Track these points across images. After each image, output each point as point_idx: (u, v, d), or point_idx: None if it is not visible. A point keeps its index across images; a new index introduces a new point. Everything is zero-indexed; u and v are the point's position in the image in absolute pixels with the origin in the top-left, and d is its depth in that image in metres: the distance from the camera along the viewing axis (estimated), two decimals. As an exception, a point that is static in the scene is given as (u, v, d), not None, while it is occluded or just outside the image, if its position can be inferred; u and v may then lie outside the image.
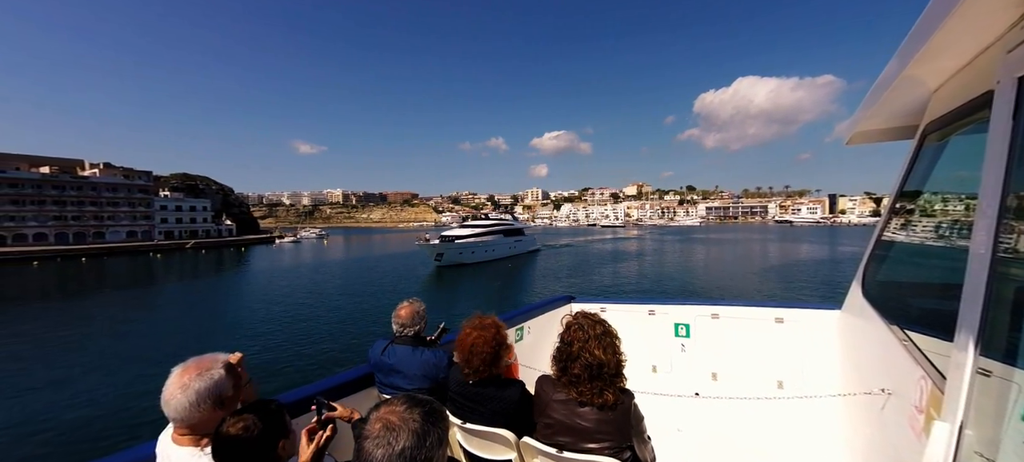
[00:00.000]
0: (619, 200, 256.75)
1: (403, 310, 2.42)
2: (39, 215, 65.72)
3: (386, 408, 0.96)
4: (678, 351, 3.86)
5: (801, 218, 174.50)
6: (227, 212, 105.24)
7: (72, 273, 43.14)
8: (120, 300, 27.76)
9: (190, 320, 21.76)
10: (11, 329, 19.76)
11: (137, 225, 77.04)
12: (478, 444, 1.97)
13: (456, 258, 41.50)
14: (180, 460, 1.35)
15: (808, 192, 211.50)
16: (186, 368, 1.40)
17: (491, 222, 51.22)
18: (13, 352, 15.99)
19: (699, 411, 3.42)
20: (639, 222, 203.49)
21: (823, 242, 65.27)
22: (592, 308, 2.42)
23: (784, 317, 3.45)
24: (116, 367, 13.93)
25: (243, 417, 1.27)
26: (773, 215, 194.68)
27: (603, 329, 1.74)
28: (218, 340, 17.00)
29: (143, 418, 10.06)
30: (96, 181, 72.82)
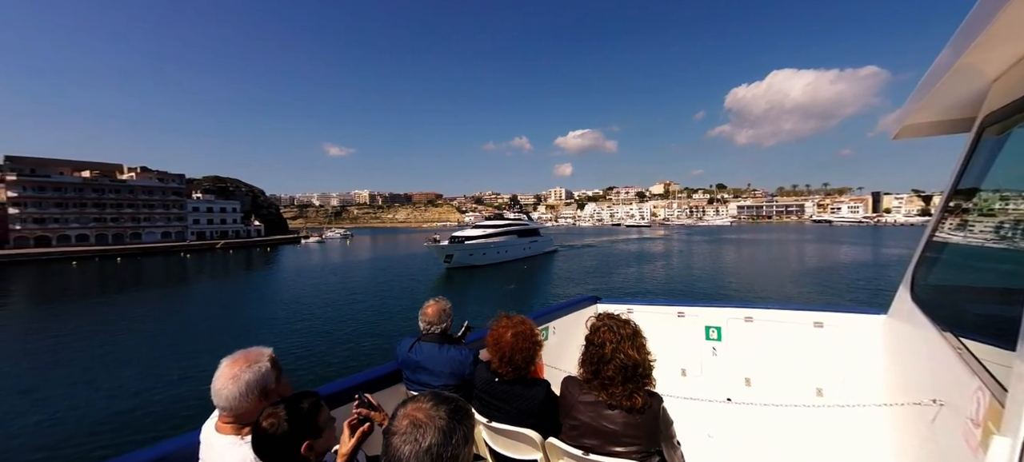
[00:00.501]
0: (645, 199, 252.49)
1: (430, 308, 2.47)
2: (81, 217, 69.84)
3: (412, 405, 0.98)
4: (709, 355, 3.78)
5: (841, 217, 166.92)
6: (256, 213, 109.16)
7: (110, 272, 45.67)
8: (156, 298, 29.27)
9: (217, 317, 22.77)
10: (60, 325, 21.11)
11: (171, 226, 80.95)
12: (504, 443, 1.98)
13: (466, 260, 40.72)
14: (222, 448, 1.44)
15: (849, 190, 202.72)
16: (235, 360, 1.48)
17: (504, 222, 49.65)
18: (64, 345, 17.11)
19: (731, 417, 3.35)
20: (666, 222, 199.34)
21: (866, 243, 62.31)
22: (618, 309, 2.41)
23: (824, 321, 3.34)
24: (154, 362, 14.70)
25: (275, 412, 1.34)
26: (810, 214, 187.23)
27: (633, 330, 1.75)
28: (240, 336, 17.69)
29: (179, 409, 10.64)
30: (133, 184, 76.93)
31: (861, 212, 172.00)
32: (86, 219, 70.35)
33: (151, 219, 78.35)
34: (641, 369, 1.68)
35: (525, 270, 39.67)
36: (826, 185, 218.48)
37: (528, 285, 31.90)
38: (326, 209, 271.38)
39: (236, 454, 1.41)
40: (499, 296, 26.61)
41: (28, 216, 64.59)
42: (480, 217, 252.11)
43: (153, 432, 9.74)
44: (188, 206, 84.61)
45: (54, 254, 60.24)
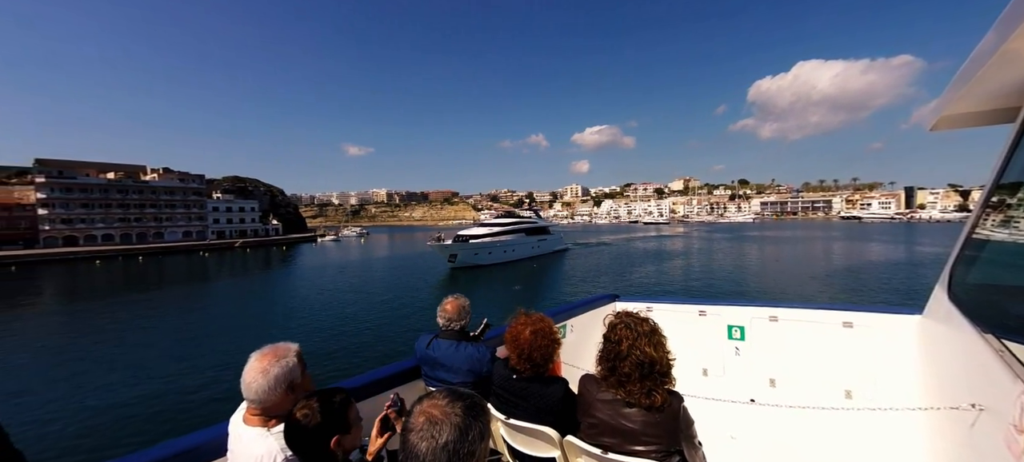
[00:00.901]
0: (664, 196, 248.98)
1: (449, 305, 2.52)
2: (106, 217, 72.62)
3: (428, 401, 0.99)
4: (731, 354, 3.74)
5: (872, 213, 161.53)
6: (274, 212, 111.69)
7: (133, 271, 47.31)
8: (179, 296, 30.16)
9: (230, 315, 23.33)
10: (88, 321, 22.00)
11: (192, 225, 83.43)
12: (522, 440, 2.00)
13: (471, 259, 39.79)
14: (249, 439, 1.51)
15: (880, 185, 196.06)
16: (264, 354, 1.55)
17: (511, 220, 48.28)
18: (90, 342, 17.81)
19: (755, 418, 3.31)
20: (685, 218, 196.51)
21: (898, 241, 60.25)
22: (637, 307, 2.36)
23: (853, 321, 3.26)
24: (178, 356, 15.19)
25: (309, 404, 1.41)
26: (838, 210, 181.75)
27: (650, 327, 1.74)
28: (249, 333, 18.13)
29: (201, 400, 10.98)
30: (155, 185, 79.57)
31: (893, 208, 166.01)
32: (111, 219, 73.15)
33: (173, 219, 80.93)
34: (659, 367, 1.67)
35: (533, 270, 38.86)
36: (855, 180, 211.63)
37: (536, 285, 31.41)
38: (345, 208, 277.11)
39: (262, 446, 1.47)
40: (506, 297, 26.31)
41: (56, 217, 67.39)
42: (495, 214, 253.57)
43: (182, 421, 10.20)
44: (208, 206, 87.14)
45: (81, 253, 62.71)
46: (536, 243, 48.97)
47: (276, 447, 1.45)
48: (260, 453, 1.46)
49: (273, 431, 1.50)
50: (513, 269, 38.95)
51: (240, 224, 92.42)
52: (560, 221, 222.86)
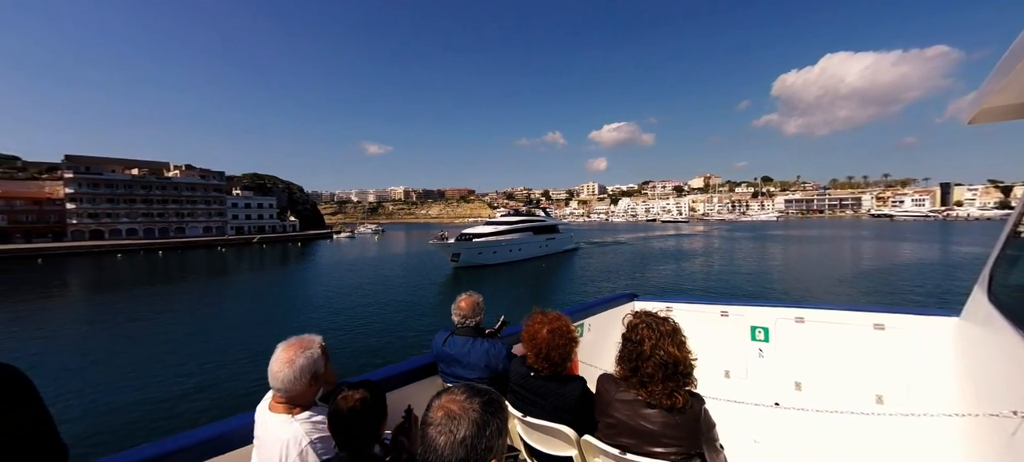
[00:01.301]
0: (683, 193, 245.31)
1: (463, 301, 2.58)
2: (130, 212, 75.55)
3: (447, 396, 1.01)
4: (755, 356, 3.68)
5: (904, 211, 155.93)
6: (292, 209, 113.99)
7: (153, 265, 48.90)
8: (195, 290, 31.03)
9: (236, 311, 23.86)
10: (117, 310, 22.85)
11: (212, 221, 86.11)
12: (539, 438, 2.01)
13: (474, 259, 38.72)
14: (275, 425, 1.60)
15: (913, 182, 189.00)
16: (290, 345, 1.63)
17: (517, 219, 47.00)
18: (126, 332, 18.54)
19: (780, 422, 3.25)
20: (705, 217, 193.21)
21: (933, 240, 58.02)
22: (656, 307, 2.34)
23: (885, 323, 3.16)
24: (197, 346, 15.69)
25: (358, 391, 1.51)
26: (869, 208, 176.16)
27: (672, 327, 1.74)
28: (248, 329, 18.50)
29: (221, 393, 11.33)
30: (178, 181, 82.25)
31: (927, 205, 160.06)
32: (135, 214, 76.06)
33: (194, 214, 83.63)
34: (682, 367, 1.66)
35: (541, 270, 37.77)
36: (887, 176, 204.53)
37: (543, 286, 30.65)
38: (363, 205, 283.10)
39: (288, 431, 1.56)
40: (510, 299, 25.49)
41: (83, 211, 70.28)
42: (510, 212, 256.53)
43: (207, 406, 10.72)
44: (228, 202, 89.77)
45: (105, 247, 65.32)
46: (544, 242, 48.01)
47: (301, 431, 1.55)
48: (287, 438, 1.55)
49: (297, 418, 1.59)
50: (519, 269, 38.13)
51: (258, 220, 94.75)
52: (576, 219, 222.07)
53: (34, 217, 66.90)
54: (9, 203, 65.15)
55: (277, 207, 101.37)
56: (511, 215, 50.15)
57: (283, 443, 1.55)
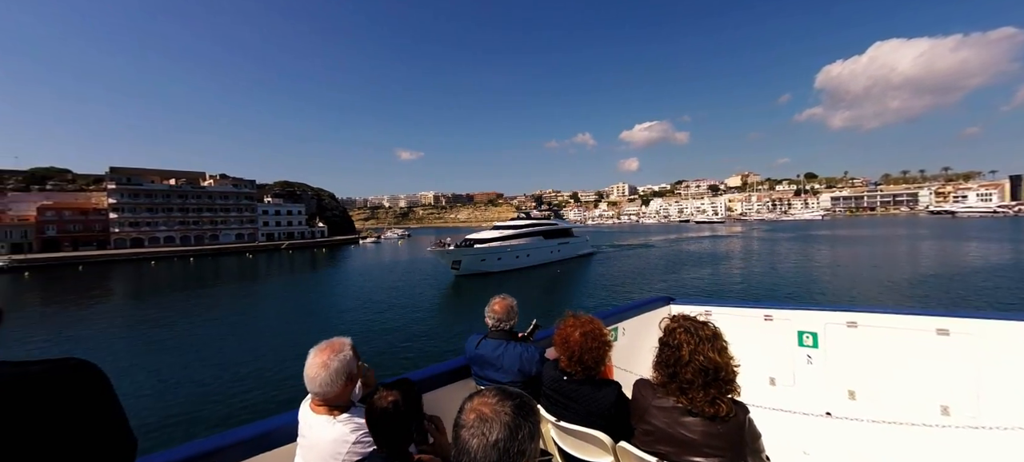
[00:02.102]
0: (719, 193, 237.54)
1: (497, 304, 2.62)
2: (168, 221, 79.75)
3: (479, 399, 1.02)
4: (803, 363, 3.54)
5: (968, 207, 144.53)
6: (321, 215, 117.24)
7: (186, 271, 51.08)
8: (220, 294, 31.96)
9: (244, 318, 24.09)
10: (146, 314, 23.59)
11: (244, 228, 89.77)
12: (572, 443, 2.00)
13: (477, 266, 36.71)
14: (319, 426, 1.70)
15: (977, 175, 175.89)
16: (322, 349, 1.71)
17: (525, 222, 44.50)
18: (152, 337, 19.10)
19: (832, 433, 3.12)
20: (743, 217, 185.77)
21: (1003, 238, 53.10)
22: (695, 311, 2.23)
23: (950, 328, 2.97)
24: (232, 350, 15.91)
25: (392, 392, 1.59)
26: (926, 204, 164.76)
27: (712, 332, 1.70)
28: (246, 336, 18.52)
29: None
30: (211, 190, 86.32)
31: (995, 200, 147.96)
32: (172, 222, 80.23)
33: (226, 222, 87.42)
34: (724, 373, 1.61)
35: (552, 277, 35.72)
36: (947, 170, 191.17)
37: (551, 296, 28.50)
38: (394, 210, 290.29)
39: (332, 432, 1.66)
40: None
41: (125, 220, 74.76)
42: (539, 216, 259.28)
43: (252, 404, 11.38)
44: (259, 209, 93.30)
45: (143, 254, 68.81)
46: (556, 247, 45.60)
47: (345, 431, 1.66)
48: (333, 437, 1.65)
49: (339, 419, 1.69)
50: (527, 277, 36.07)
51: (288, 226, 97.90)
52: (605, 221, 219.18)
53: (81, 226, 71.40)
54: (58, 213, 69.80)
55: (306, 213, 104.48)
56: (519, 218, 47.99)
57: (328, 443, 1.65)
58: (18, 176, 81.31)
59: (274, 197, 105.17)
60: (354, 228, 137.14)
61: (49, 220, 68.29)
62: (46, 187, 79.38)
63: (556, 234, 46.35)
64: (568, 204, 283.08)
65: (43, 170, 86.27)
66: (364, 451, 1.62)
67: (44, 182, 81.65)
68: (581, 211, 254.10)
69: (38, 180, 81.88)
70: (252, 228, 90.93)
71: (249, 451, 1.86)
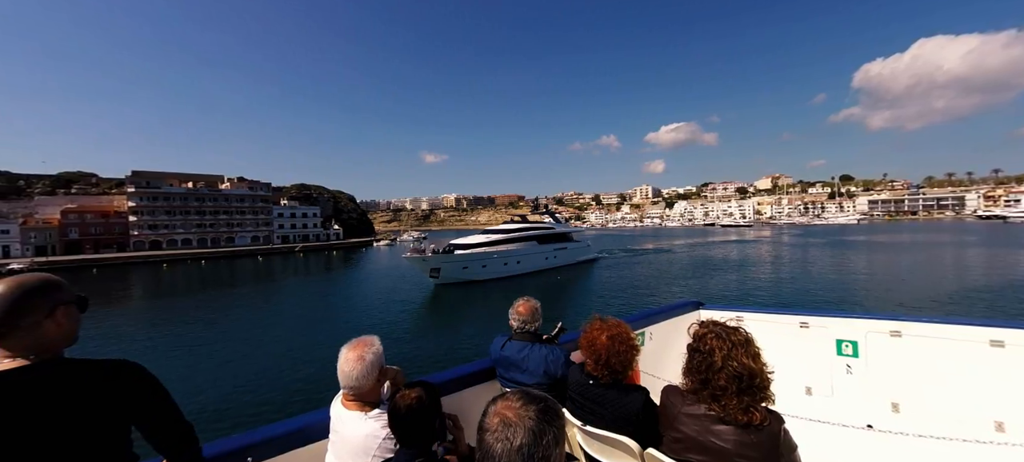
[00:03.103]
0: (747, 195, 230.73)
1: (521, 306, 2.64)
2: (185, 223, 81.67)
3: (502, 402, 1.00)
4: (842, 372, 3.44)
5: (1021, 212, 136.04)
6: (336, 217, 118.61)
7: (197, 273, 51.71)
8: (216, 298, 31.74)
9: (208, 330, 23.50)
10: (143, 318, 23.35)
11: (259, 231, 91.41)
12: (599, 448, 2.01)
13: (458, 275, 34.03)
14: (351, 421, 1.78)
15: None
16: (355, 345, 1.79)
17: (516, 226, 41.73)
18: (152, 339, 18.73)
19: (873, 448, 3.04)
20: (772, 221, 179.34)
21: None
22: (725, 316, 2.14)
23: (1005, 339, 2.84)
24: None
25: (414, 390, 1.64)
26: (974, 208, 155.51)
27: (744, 338, 1.67)
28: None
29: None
30: (228, 193, 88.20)
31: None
32: (189, 225, 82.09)
33: (242, 225, 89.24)
34: (759, 380, 1.58)
35: (546, 286, 32.91)
36: (998, 172, 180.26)
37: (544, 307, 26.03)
38: (416, 212, 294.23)
39: (364, 428, 1.74)
40: (497, 324, 21.31)
41: (144, 223, 76.89)
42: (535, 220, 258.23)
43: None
44: (274, 212, 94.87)
45: (159, 257, 70.63)
46: (552, 253, 42.81)
47: (377, 427, 1.72)
48: (366, 433, 1.72)
49: (370, 415, 1.76)
50: (518, 285, 31.77)
51: (303, 229, 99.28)
52: (626, 224, 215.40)
53: (102, 229, 73.72)
54: (81, 216, 72.25)
55: (321, 216, 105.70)
56: (511, 222, 44.59)
57: (360, 438, 1.73)
58: (46, 180, 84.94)
59: (290, 200, 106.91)
60: (371, 230, 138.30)
61: (72, 223, 70.72)
62: (71, 191, 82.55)
63: (552, 239, 43.69)
64: (590, 207, 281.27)
65: (69, 174, 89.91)
66: (395, 447, 1.66)
67: (69, 186, 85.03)
68: (603, 213, 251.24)
69: (64, 184, 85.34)
70: (267, 231, 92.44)
71: (284, 447, 1.94)
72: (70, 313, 1.29)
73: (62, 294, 1.27)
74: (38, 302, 1.21)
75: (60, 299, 1.26)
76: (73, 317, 1.31)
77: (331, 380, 1.93)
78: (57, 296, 1.25)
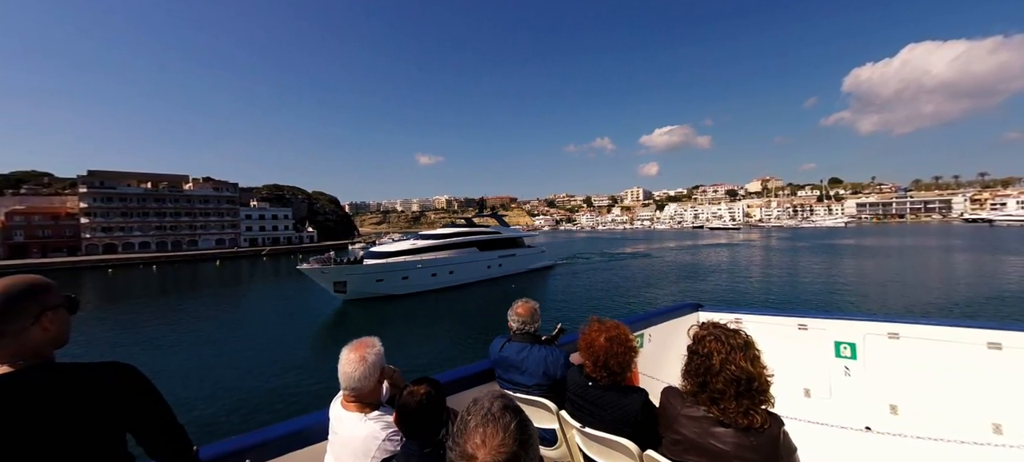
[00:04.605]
0: (737, 198, 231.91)
1: (520, 307, 2.68)
2: (143, 226, 78.22)
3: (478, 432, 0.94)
4: (840, 374, 3.51)
5: (1008, 215, 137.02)
6: (311, 220, 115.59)
7: (151, 280, 48.84)
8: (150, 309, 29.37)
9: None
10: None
11: (225, 233, 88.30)
12: (598, 450, 2.03)
13: (370, 288, 29.61)
14: (350, 423, 1.79)
15: (1017, 181, 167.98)
16: (356, 346, 1.81)
17: (453, 231, 37.32)
18: None
19: (871, 449, 3.10)
20: (761, 223, 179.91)
21: (1048, 249, 48.43)
22: (724, 318, 2.34)
23: (1003, 341, 2.91)
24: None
25: (423, 385, 1.67)
26: (961, 211, 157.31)
27: (744, 340, 1.68)
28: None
29: None
30: (190, 194, 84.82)
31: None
32: (147, 227, 78.67)
33: (206, 227, 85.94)
34: (758, 383, 1.59)
35: (488, 299, 29.10)
36: (984, 176, 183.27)
37: (466, 330, 21.74)
38: (406, 214, 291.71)
39: (364, 429, 1.75)
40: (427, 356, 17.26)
41: (97, 225, 73.25)
42: (550, 220, 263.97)
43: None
44: (242, 214, 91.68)
45: (110, 261, 67.27)
46: (495, 261, 38.49)
47: (376, 428, 1.74)
48: (365, 434, 1.74)
49: (369, 417, 1.77)
50: (452, 299, 29.51)
51: (273, 231, 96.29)
52: (616, 226, 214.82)
53: (50, 231, 70.17)
54: (28, 218, 68.73)
55: (294, 218, 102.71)
56: (452, 227, 40.42)
57: (363, 438, 1.74)
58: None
59: (261, 201, 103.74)
60: (351, 233, 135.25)
61: (17, 225, 67.23)
62: (21, 191, 78.85)
63: (496, 244, 39.30)
64: (581, 209, 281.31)
65: (20, 174, 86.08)
66: (394, 449, 1.69)
67: (19, 186, 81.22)
68: (594, 216, 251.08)
69: (13, 184, 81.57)
70: (234, 233, 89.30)
71: (283, 448, 1.97)
72: (59, 316, 1.27)
73: (50, 297, 1.25)
74: (25, 306, 1.18)
75: (48, 302, 1.23)
76: (62, 320, 1.28)
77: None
78: (45, 299, 1.23)
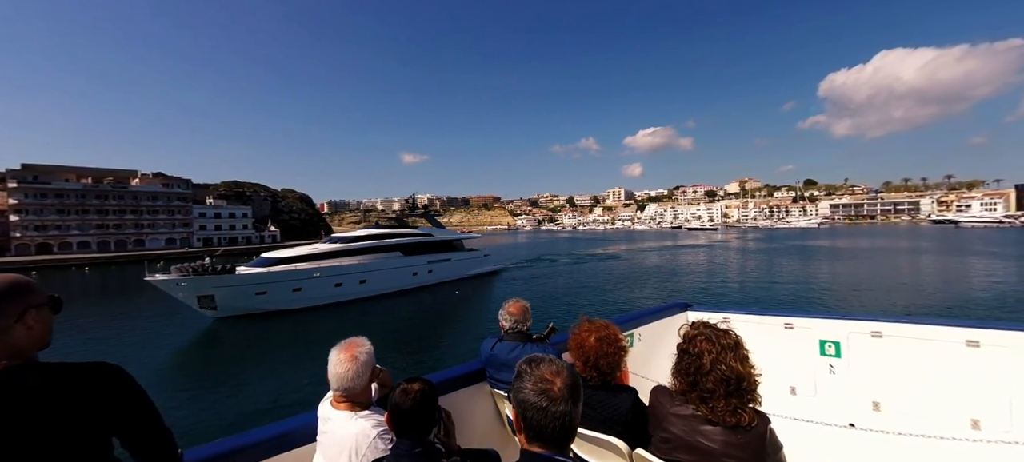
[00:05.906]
0: (716, 198, 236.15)
1: (512, 306, 2.71)
2: (82, 224, 73.44)
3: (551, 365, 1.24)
4: (825, 372, 3.62)
5: (972, 217, 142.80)
6: (275, 219, 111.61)
7: (84, 281, 45.40)
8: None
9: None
10: None
11: (176, 232, 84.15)
12: (588, 449, 2.06)
13: (247, 303, 24.45)
14: (341, 420, 1.79)
15: (981, 183, 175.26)
16: (347, 346, 1.82)
17: (369, 233, 32.43)
18: None
19: (856, 446, 3.18)
20: (738, 223, 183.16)
21: (1007, 251, 49.68)
22: (713, 318, 2.41)
23: (980, 339, 3.00)
24: None
25: (414, 384, 1.69)
26: (929, 213, 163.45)
27: (734, 340, 1.72)
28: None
29: None
30: (137, 190, 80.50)
31: (1000, 210, 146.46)
32: (87, 226, 73.97)
33: (155, 226, 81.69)
34: (746, 383, 1.63)
35: (415, 311, 26.05)
36: (950, 178, 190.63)
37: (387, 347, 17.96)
38: (387, 213, 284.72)
39: (353, 427, 1.75)
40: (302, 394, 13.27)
41: (29, 223, 68.53)
42: (533, 220, 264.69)
43: None
44: (195, 212, 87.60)
45: (48, 262, 62.65)
46: (424, 267, 34.18)
47: (367, 426, 1.74)
48: (354, 432, 1.74)
49: (360, 415, 1.78)
50: (364, 312, 26.00)
51: (230, 231, 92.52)
52: (598, 226, 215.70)
53: (-27, 230, 65.27)
54: (-52, 215, 63.72)
55: (254, 216, 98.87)
56: (377, 228, 35.18)
57: (353, 436, 1.73)
58: (-88, 173, 75.08)
59: (218, 199, 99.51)
60: (319, 232, 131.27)
61: (-65, 223, 62.34)
62: (-55, 185, 73.26)
63: (425, 248, 34.66)
64: (563, 209, 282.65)
65: (-56, 167, 79.98)
66: (385, 449, 1.68)
67: (-57, 180, 75.49)
68: (576, 216, 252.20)
69: (-64, 178, 75.72)
70: (186, 232, 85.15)
71: (271, 450, 1.96)
72: (42, 316, 1.26)
73: (33, 296, 1.24)
74: (7, 306, 1.17)
75: (31, 302, 1.23)
76: (46, 319, 1.28)
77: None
78: (28, 299, 1.22)
